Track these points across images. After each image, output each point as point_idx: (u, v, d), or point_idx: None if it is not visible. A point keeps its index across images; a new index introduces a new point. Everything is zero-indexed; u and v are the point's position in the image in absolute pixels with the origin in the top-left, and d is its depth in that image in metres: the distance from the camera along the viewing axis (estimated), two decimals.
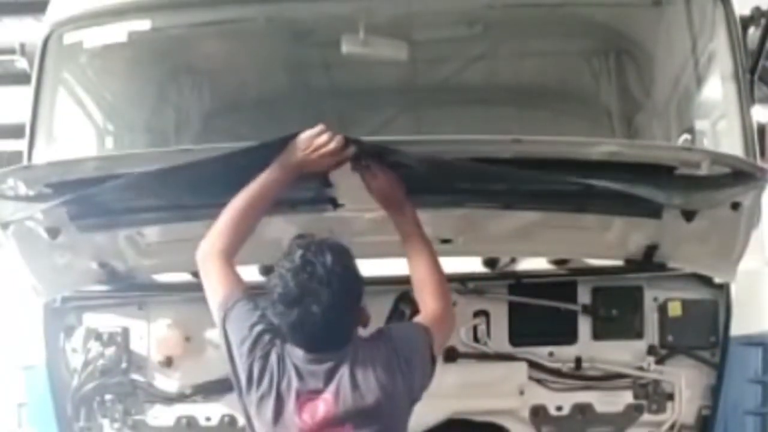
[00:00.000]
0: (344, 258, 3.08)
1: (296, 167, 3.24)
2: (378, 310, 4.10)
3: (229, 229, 3.26)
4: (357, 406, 3.01)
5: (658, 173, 3.27)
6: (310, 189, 3.58)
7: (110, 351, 4.46)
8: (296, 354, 3.06)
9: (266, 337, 3.09)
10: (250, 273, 4.35)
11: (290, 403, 3.02)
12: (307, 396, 3.02)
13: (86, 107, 4.89)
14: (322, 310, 2.97)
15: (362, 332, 3.19)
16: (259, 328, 3.11)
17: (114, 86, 5.01)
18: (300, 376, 3.04)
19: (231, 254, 3.25)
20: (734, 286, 4.18)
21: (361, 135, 3.29)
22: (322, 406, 3.02)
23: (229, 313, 3.15)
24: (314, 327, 3.00)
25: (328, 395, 3.02)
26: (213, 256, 3.23)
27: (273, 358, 3.07)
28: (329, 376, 3.03)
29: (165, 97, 5.28)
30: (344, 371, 3.03)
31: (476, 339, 4.40)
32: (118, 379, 4.47)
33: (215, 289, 3.21)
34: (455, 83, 5.33)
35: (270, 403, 3.04)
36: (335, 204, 3.72)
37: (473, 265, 4.38)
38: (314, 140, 3.19)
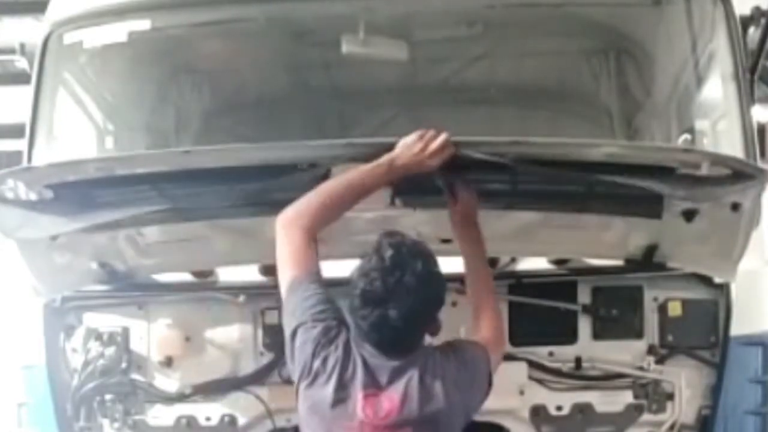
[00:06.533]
0: (433, 266, 3.07)
1: (402, 167, 3.21)
2: None
3: (319, 209, 3.19)
4: (421, 413, 3.01)
5: (659, 174, 3.27)
6: None
7: (110, 351, 4.45)
8: (365, 347, 3.04)
9: (333, 323, 3.06)
10: (251, 273, 4.37)
11: (354, 394, 3.01)
12: (372, 390, 3.01)
13: (86, 107, 4.88)
14: (401, 316, 2.96)
15: (431, 341, 3.18)
16: (325, 315, 3.07)
17: (114, 86, 5.00)
18: (367, 368, 3.02)
19: (314, 233, 3.18)
20: (734, 286, 4.18)
21: (361, 135, 3.28)
22: (387, 405, 3.00)
23: (296, 291, 3.10)
24: (391, 331, 2.99)
25: (394, 395, 3.01)
26: (296, 228, 3.16)
27: (340, 344, 3.04)
28: (394, 375, 3.02)
29: (165, 97, 5.27)
30: (413, 376, 3.02)
31: None
32: (118, 379, 4.47)
33: (289, 263, 3.15)
34: (455, 83, 5.32)
35: (329, 389, 3.01)
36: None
37: None
38: (423, 139, 3.18)
